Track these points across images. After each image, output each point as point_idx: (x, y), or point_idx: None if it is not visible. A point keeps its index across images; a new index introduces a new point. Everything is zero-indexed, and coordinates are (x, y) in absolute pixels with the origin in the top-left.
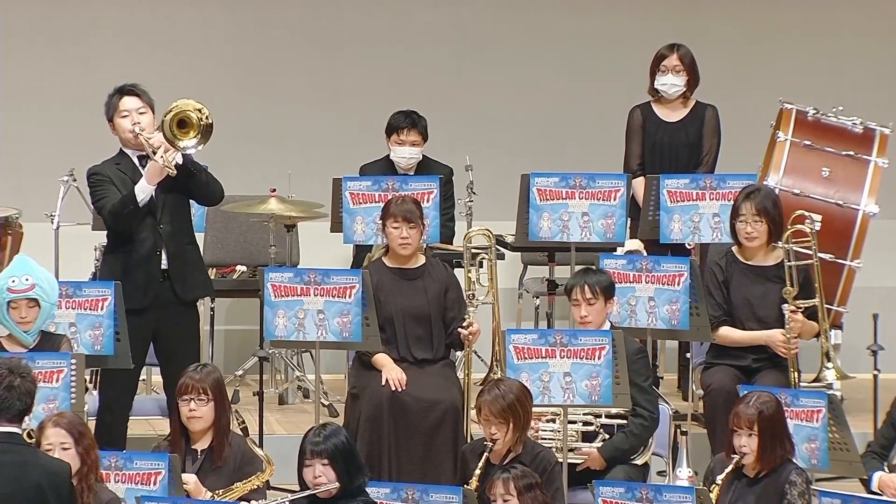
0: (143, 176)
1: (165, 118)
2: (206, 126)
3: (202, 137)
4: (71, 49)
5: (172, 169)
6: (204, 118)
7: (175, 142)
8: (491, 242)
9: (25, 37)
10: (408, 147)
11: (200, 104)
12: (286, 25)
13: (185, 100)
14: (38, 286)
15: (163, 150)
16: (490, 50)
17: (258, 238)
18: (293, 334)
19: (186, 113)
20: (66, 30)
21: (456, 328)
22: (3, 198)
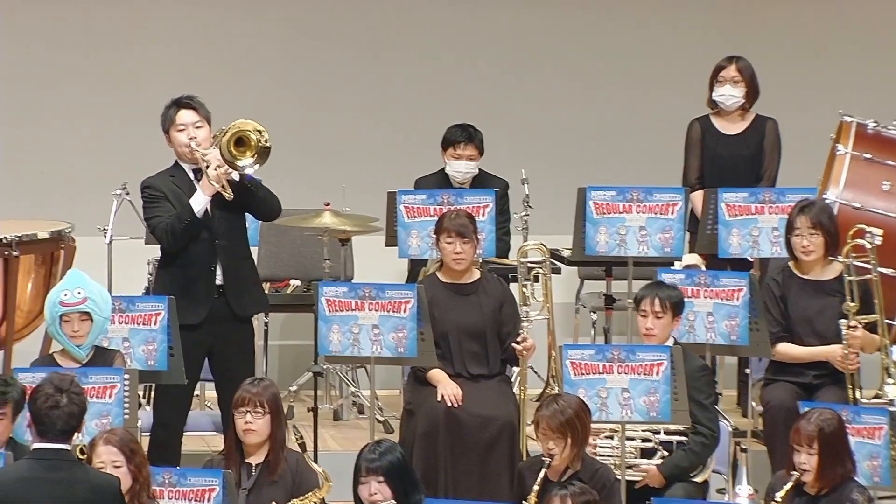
0: (199, 187)
1: (223, 138)
2: (263, 148)
3: (259, 158)
4: (124, 61)
5: (229, 191)
6: (263, 140)
7: (233, 161)
8: (546, 257)
9: (78, 49)
10: (464, 161)
11: (261, 126)
12: (341, 38)
13: (245, 119)
14: (91, 299)
15: (215, 166)
16: (547, 62)
17: (312, 252)
18: (348, 349)
19: (245, 132)
20: (119, 42)
21: (511, 343)
22: (56, 212)
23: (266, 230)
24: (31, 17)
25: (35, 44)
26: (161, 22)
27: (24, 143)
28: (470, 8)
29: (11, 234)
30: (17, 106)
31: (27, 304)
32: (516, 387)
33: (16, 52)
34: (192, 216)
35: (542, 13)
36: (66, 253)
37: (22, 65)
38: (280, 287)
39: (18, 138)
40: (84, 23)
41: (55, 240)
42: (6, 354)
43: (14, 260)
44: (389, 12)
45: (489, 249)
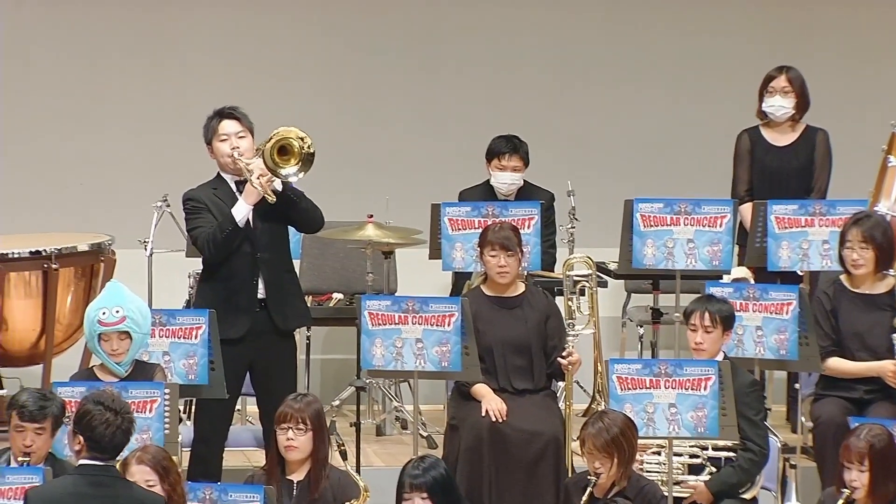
0: (241, 196)
1: (266, 145)
2: (307, 155)
3: (303, 166)
4: (166, 71)
5: (271, 195)
6: (306, 147)
7: (276, 169)
8: (592, 270)
9: (119, 59)
10: (509, 172)
11: (303, 132)
12: (384, 48)
13: (287, 127)
14: (129, 318)
15: (258, 175)
16: (593, 72)
17: (355, 265)
18: (391, 364)
19: (288, 140)
20: (160, 52)
21: (556, 357)
22: (96, 224)
23: (308, 243)
24: (72, 27)
25: (76, 54)
26: (203, 32)
27: (65, 155)
28: (516, 17)
29: (51, 247)
30: (57, 117)
31: (66, 318)
32: (562, 402)
33: (56, 62)
34: (234, 225)
35: (590, 23)
36: (105, 266)
37: (62, 75)
38: (322, 300)
39: (58, 149)
40: (125, 33)
41: (95, 252)
42: (45, 368)
43: (53, 273)
44: (434, 21)
45: (534, 262)
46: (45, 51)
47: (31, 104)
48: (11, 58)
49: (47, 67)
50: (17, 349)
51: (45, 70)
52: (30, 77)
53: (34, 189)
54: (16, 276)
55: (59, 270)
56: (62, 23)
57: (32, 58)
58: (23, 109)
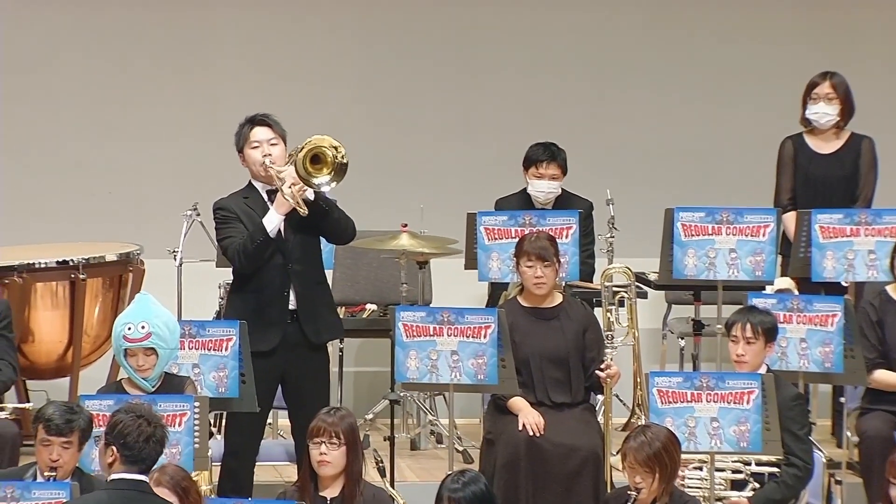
0: (273, 205)
1: (298, 154)
2: (340, 165)
3: (335, 175)
4: (196, 78)
5: (303, 207)
6: (339, 156)
7: (309, 178)
8: (631, 280)
9: (147, 66)
10: (546, 181)
11: (337, 142)
12: (419, 53)
13: (321, 136)
14: (155, 334)
15: (290, 184)
16: (633, 77)
17: (389, 275)
18: (426, 376)
19: (321, 149)
20: (191, 57)
21: (595, 370)
22: (124, 233)
23: (341, 253)
24: (100, 31)
25: (104, 59)
26: (235, 36)
27: (92, 162)
28: (554, 21)
29: (78, 257)
30: (85, 124)
31: (94, 329)
32: (601, 415)
33: (84, 67)
34: (265, 235)
35: (630, 27)
36: (134, 276)
37: (90, 80)
38: (355, 312)
39: (86, 157)
40: (154, 37)
41: (123, 262)
42: (72, 381)
43: (81, 283)
44: (470, 25)
45: (572, 273)
46: (72, 55)
47: (58, 110)
48: (38, 63)
49: (74, 72)
50: (44, 361)
51: (73, 75)
52: (57, 82)
53: (61, 197)
54: (42, 286)
55: (86, 281)
56: (90, 27)
57: (59, 62)
58: (50, 115)
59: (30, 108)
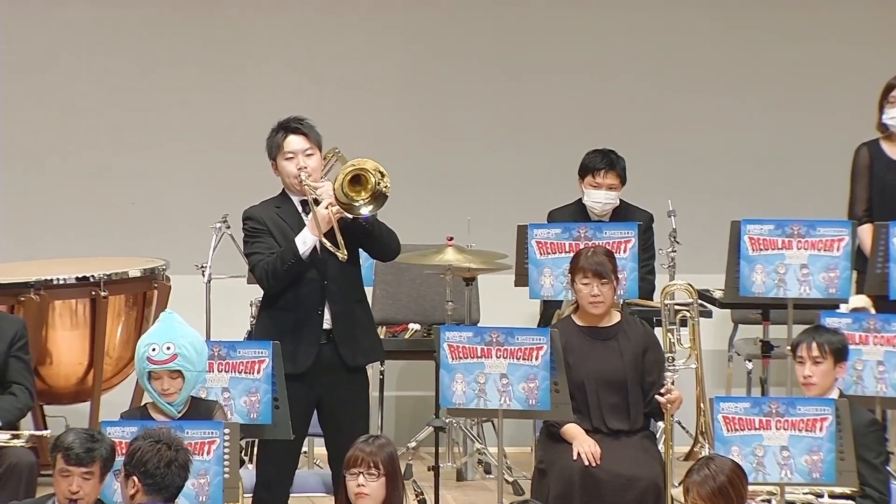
0: (307, 225)
1: (337, 183)
2: (380, 192)
3: (373, 200)
4: (225, 79)
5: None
6: (382, 185)
7: (350, 203)
8: (694, 298)
9: (173, 67)
10: (604, 191)
11: (383, 169)
12: (465, 54)
13: (366, 159)
14: (181, 356)
15: (326, 204)
16: (697, 80)
17: (433, 293)
18: (473, 401)
19: (365, 171)
20: (220, 58)
21: (655, 395)
22: (149, 247)
23: (382, 268)
24: (121, 31)
25: (126, 60)
26: (267, 36)
27: (114, 171)
28: (611, 20)
29: (100, 273)
30: (106, 129)
31: (116, 350)
32: (661, 444)
33: (105, 70)
34: (297, 257)
35: (693, 26)
36: (159, 293)
37: (112, 83)
38: (397, 332)
39: (107, 165)
40: (181, 37)
41: (148, 279)
42: (93, 406)
43: (102, 301)
44: (522, 25)
45: (631, 290)
46: (91, 56)
47: (77, 114)
48: (56, 65)
49: (95, 74)
50: (63, 385)
51: (93, 77)
52: (76, 84)
53: (81, 209)
54: (61, 304)
55: (108, 298)
56: (111, 25)
57: (78, 63)
58: (68, 120)
59: (47, 112)
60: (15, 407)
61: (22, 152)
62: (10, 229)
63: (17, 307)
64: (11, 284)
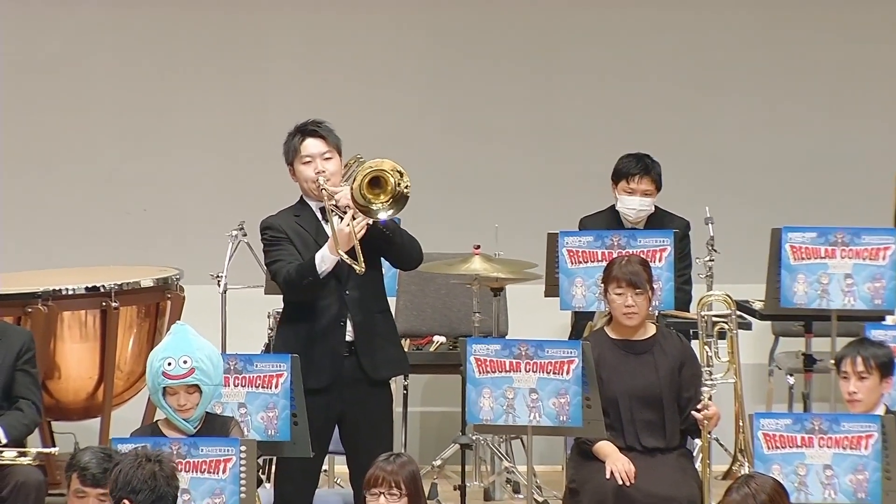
0: (327, 243)
1: (355, 183)
2: (400, 194)
3: (393, 204)
4: (241, 81)
5: (361, 265)
6: (401, 184)
7: (369, 208)
8: (732, 309)
9: (188, 69)
10: (638, 197)
11: (401, 168)
12: (494, 53)
13: (382, 159)
14: (198, 369)
15: (347, 221)
16: (734, 81)
17: (459, 303)
18: (501, 417)
19: (383, 172)
20: (236, 59)
21: (691, 411)
22: (162, 256)
23: (405, 278)
24: (135, 31)
25: (140, 61)
26: (286, 35)
27: (127, 176)
28: (647, 19)
29: (110, 282)
30: (120, 133)
31: (128, 364)
32: (698, 462)
33: (117, 72)
34: (315, 276)
35: (732, 25)
36: (172, 304)
37: (124, 85)
38: (422, 344)
39: (120, 170)
40: (196, 38)
41: (161, 289)
42: (103, 422)
43: (113, 312)
44: (552, 24)
45: (667, 301)
46: (104, 57)
47: (88, 117)
48: (67, 66)
49: (107, 76)
50: (72, 400)
51: (105, 79)
52: (87, 87)
53: (91, 216)
54: (70, 315)
55: (119, 309)
56: (124, 25)
57: (90, 64)
58: (79, 123)
59: (57, 114)
60: (22, 423)
61: (31, 156)
62: (17, 237)
63: (25, 319)
64: (18, 295)
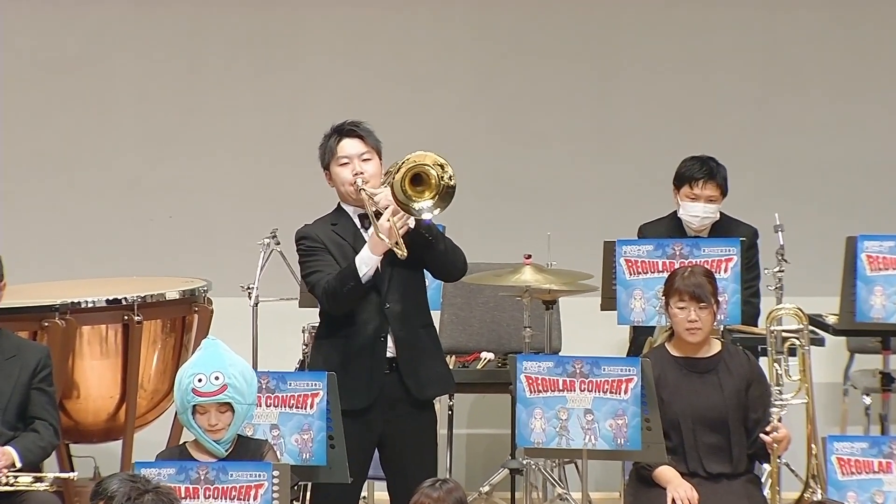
0: (367, 243)
1: (396, 176)
2: (446, 187)
3: (439, 200)
4: (275, 81)
5: (403, 249)
6: (446, 178)
7: (408, 204)
8: (804, 324)
9: (217, 67)
10: (702, 203)
11: (442, 159)
12: (545, 49)
13: (422, 152)
14: (231, 386)
15: (387, 216)
16: (806, 81)
17: (508, 317)
18: (553, 440)
19: (424, 167)
20: (268, 57)
21: (760, 434)
22: (189, 266)
23: (451, 290)
24: (159, 30)
25: (165, 60)
26: (323, 33)
27: (151, 181)
28: (713, 15)
29: (133, 294)
30: (144, 136)
31: (152, 383)
32: (766, 489)
33: (141, 70)
34: (357, 281)
35: (803, 24)
36: (200, 318)
37: (149, 84)
38: (468, 361)
39: (145, 175)
40: (225, 34)
41: (187, 301)
42: (126, 445)
43: (136, 327)
44: (609, 20)
45: (733, 315)
46: (127, 56)
47: (110, 120)
48: (88, 65)
49: (130, 76)
50: (92, 421)
51: (128, 79)
52: (109, 87)
53: (113, 224)
54: (90, 330)
55: (142, 323)
56: (147, 22)
57: (112, 64)
58: (100, 127)
59: (76, 117)
60: (38, 445)
61: (49, 161)
62: (34, 246)
63: (41, 333)
64: (34, 308)
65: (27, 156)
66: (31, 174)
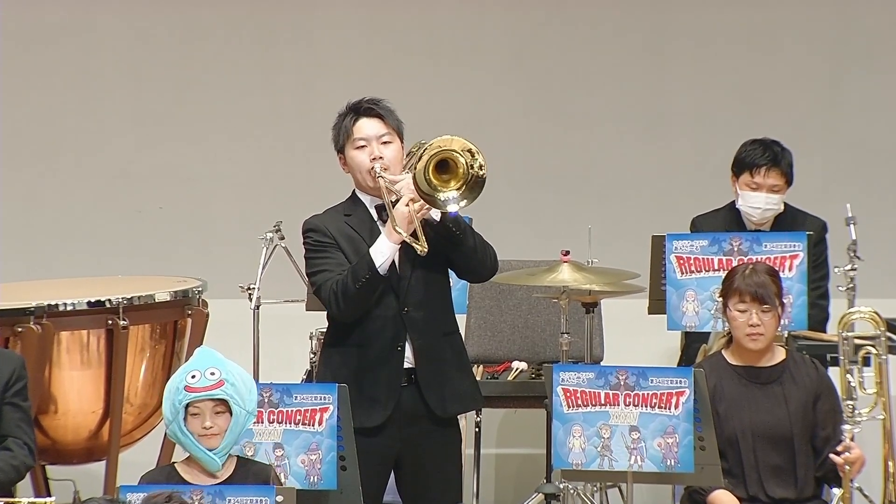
0: (383, 231)
1: (419, 163)
2: (475, 178)
3: (467, 192)
4: (281, 55)
5: (422, 243)
6: (476, 166)
7: (433, 194)
8: (881, 330)
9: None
10: (764, 193)
11: (472, 145)
12: (588, 22)
13: (449, 136)
14: (228, 382)
15: (407, 200)
16: (881, 53)
17: (544, 322)
18: (595, 461)
19: (451, 153)
20: (273, 29)
21: (829, 454)
22: (181, 264)
23: (478, 291)
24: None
25: (156, 36)
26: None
27: (140, 169)
28: None
29: (118, 296)
30: (133, 119)
31: (139, 396)
32: None
33: (129, 48)
34: (373, 272)
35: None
36: (194, 323)
37: (141, 62)
38: (498, 372)
39: (132, 162)
40: (224, 6)
41: (180, 304)
42: (109, 466)
43: (122, 333)
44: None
45: (799, 319)
46: (113, 27)
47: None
48: (69, 35)
49: (118, 50)
50: (71, 439)
51: (115, 53)
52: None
53: (97, 215)
54: (69, 336)
55: (128, 329)
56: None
57: (96, 38)
58: (84, 107)
59: (57, 95)
60: (10, 465)
61: (26, 146)
62: (10, 242)
63: (14, 340)
64: (7, 311)
65: (1, 141)
66: (2, 160)
